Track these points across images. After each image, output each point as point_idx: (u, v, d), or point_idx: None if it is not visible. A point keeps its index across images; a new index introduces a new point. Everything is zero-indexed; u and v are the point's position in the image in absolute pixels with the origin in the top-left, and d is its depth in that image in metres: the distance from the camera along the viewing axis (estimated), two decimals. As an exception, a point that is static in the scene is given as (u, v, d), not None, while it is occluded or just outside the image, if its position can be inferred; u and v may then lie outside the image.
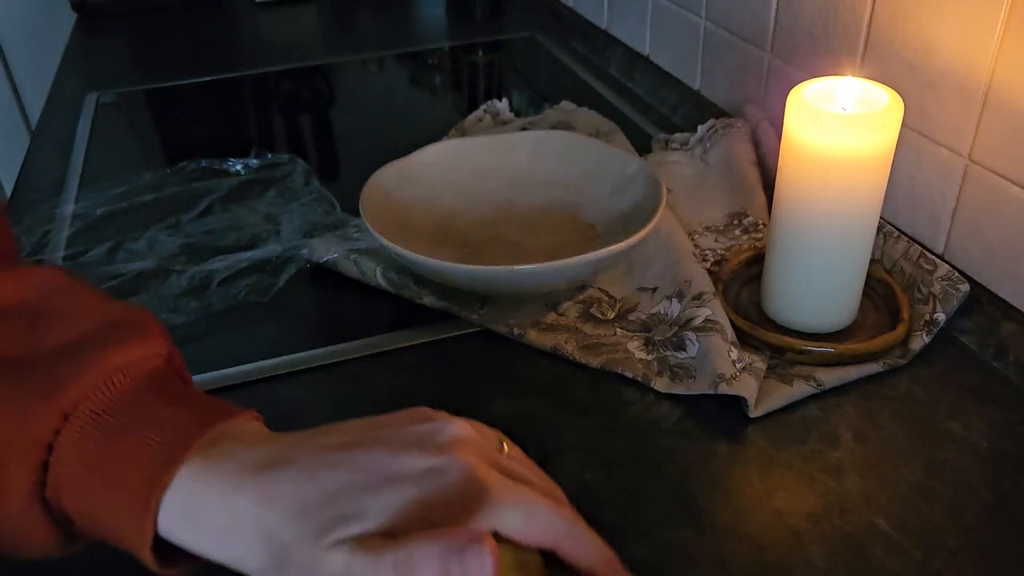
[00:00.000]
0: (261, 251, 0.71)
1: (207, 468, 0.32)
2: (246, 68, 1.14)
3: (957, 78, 0.58)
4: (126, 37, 1.29)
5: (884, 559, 0.44)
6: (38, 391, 0.32)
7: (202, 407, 0.34)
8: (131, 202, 0.80)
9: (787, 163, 0.55)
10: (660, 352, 0.58)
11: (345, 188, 0.79)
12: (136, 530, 0.32)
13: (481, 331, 0.62)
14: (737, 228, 0.70)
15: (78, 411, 0.32)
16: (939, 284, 0.59)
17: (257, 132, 1.00)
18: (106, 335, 0.35)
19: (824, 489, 0.49)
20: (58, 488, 0.32)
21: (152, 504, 0.31)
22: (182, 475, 0.32)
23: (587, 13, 1.16)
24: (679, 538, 0.46)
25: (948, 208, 0.62)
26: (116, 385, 0.34)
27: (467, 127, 0.92)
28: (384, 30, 1.28)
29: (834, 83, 0.55)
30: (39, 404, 0.32)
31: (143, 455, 0.32)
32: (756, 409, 0.53)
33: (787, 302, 0.59)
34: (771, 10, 0.77)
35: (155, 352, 0.36)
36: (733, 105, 0.86)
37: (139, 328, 0.36)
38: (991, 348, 0.58)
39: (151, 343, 0.36)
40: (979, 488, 0.49)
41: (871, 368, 0.56)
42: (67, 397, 0.32)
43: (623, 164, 0.71)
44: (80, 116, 1.01)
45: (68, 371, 0.33)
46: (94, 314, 0.36)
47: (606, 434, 0.53)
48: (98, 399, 0.33)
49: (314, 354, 0.60)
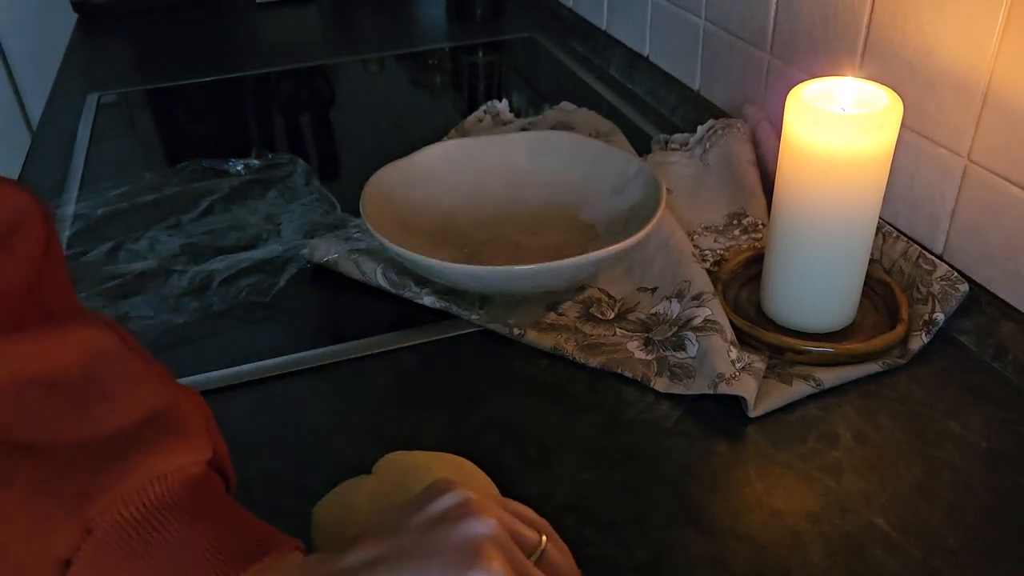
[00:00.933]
0: (262, 251, 0.71)
1: None
2: (247, 68, 1.14)
3: (956, 78, 0.58)
4: (127, 37, 1.29)
5: (883, 559, 0.45)
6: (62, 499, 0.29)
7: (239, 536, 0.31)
8: (132, 202, 0.80)
9: (787, 163, 0.55)
10: (660, 352, 0.58)
11: (345, 188, 0.80)
12: None
13: (481, 331, 0.62)
14: (736, 228, 0.71)
15: (103, 523, 0.29)
16: (938, 284, 0.60)
17: (258, 132, 1.00)
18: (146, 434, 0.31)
19: (823, 489, 0.49)
20: None
21: None
22: None
23: (587, 13, 1.16)
24: (679, 538, 0.46)
25: (947, 208, 0.62)
26: (149, 497, 0.31)
27: (467, 127, 0.92)
28: (384, 30, 1.29)
29: (834, 83, 0.55)
30: (61, 517, 0.29)
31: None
32: (755, 409, 0.53)
33: (786, 302, 0.59)
34: (771, 11, 0.78)
35: (196, 459, 0.33)
36: (733, 105, 0.86)
37: (181, 426, 0.32)
38: (990, 348, 0.58)
39: (193, 446, 0.33)
40: (978, 488, 0.49)
41: (870, 368, 0.57)
42: (93, 508, 0.29)
43: (623, 164, 0.71)
44: (81, 116, 1.01)
45: (98, 478, 0.30)
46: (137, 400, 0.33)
47: (606, 434, 0.53)
48: (128, 512, 0.30)
49: (314, 354, 0.61)
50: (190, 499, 0.31)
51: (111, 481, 0.30)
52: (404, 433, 0.54)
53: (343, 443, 0.53)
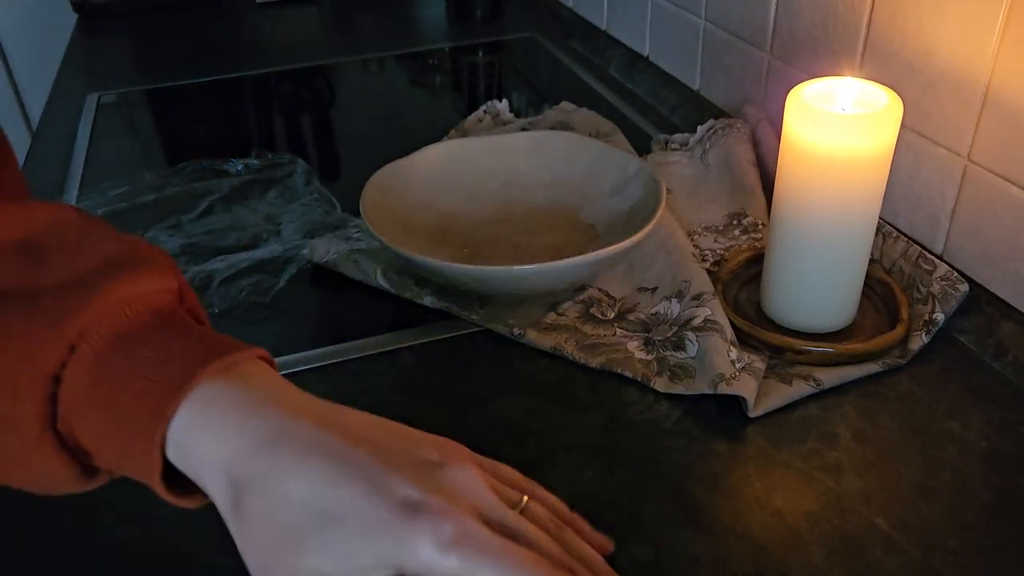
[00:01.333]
0: (262, 251, 0.71)
1: (219, 392, 0.32)
2: (247, 68, 1.14)
3: (956, 78, 0.58)
4: (127, 37, 1.29)
5: (883, 558, 0.45)
6: (44, 322, 0.32)
7: (210, 342, 0.34)
8: (132, 202, 0.80)
9: (787, 163, 0.55)
10: (660, 352, 0.58)
11: (345, 188, 0.80)
12: (145, 460, 0.32)
13: (481, 331, 0.62)
14: (736, 228, 0.71)
15: (84, 342, 0.32)
16: (938, 284, 0.60)
17: (258, 132, 1.00)
18: (115, 268, 0.34)
19: (823, 489, 0.49)
20: (68, 419, 0.32)
21: (157, 435, 0.31)
22: (187, 405, 0.32)
23: (587, 13, 1.16)
24: (679, 538, 0.46)
25: (947, 208, 0.62)
26: (124, 317, 0.33)
27: (467, 127, 0.92)
28: (384, 30, 1.29)
29: (833, 83, 0.55)
30: (45, 336, 0.31)
31: (149, 387, 0.32)
32: (755, 409, 0.53)
33: (786, 302, 0.59)
34: (771, 11, 0.78)
35: (165, 287, 0.36)
36: (733, 105, 0.86)
37: (149, 263, 0.35)
38: (990, 348, 0.58)
39: (161, 277, 0.35)
40: (978, 488, 0.49)
41: (870, 368, 0.57)
42: (73, 328, 0.32)
43: (623, 164, 0.71)
44: (81, 116, 1.01)
45: (75, 302, 0.32)
46: (104, 248, 0.35)
47: (606, 434, 0.53)
48: (105, 330, 0.32)
49: (315, 354, 0.61)
50: (161, 320, 0.34)
51: (84, 305, 0.32)
52: (404, 433, 0.54)
53: (343, 443, 0.53)
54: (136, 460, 0.32)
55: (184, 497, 0.34)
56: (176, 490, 0.33)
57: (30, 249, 0.35)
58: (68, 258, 0.35)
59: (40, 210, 0.37)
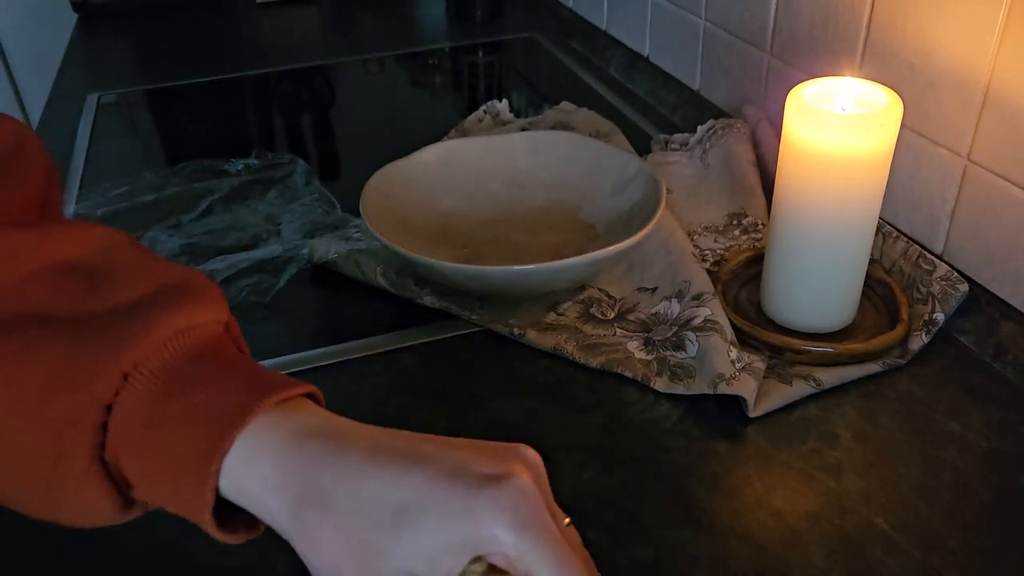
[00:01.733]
0: (262, 251, 0.71)
1: (270, 429, 0.32)
2: (247, 68, 1.14)
3: (956, 79, 0.58)
4: (127, 37, 1.29)
5: (883, 558, 0.45)
6: (98, 352, 0.31)
7: (264, 376, 0.34)
8: (132, 202, 0.80)
9: (786, 163, 0.55)
10: (660, 352, 0.58)
11: (345, 188, 0.80)
12: (195, 495, 0.31)
13: (481, 331, 0.62)
14: (736, 228, 0.71)
15: (138, 372, 0.32)
16: (938, 284, 0.60)
17: (258, 132, 1.00)
18: (167, 297, 0.34)
19: (823, 488, 0.49)
20: (117, 450, 0.32)
21: (212, 468, 0.31)
22: (242, 439, 0.31)
23: (587, 14, 1.16)
24: (679, 538, 0.46)
25: (947, 208, 0.62)
26: (177, 348, 0.33)
27: (467, 128, 0.92)
28: (384, 30, 1.29)
29: (833, 83, 0.55)
30: (99, 365, 0.31)
31: (203, 419, 0.31)
32: (755, 409, 0.53)
33: (786, 302, 0.59)
34: (771, 11, 0.78)
35: (216, 318, 0.35)
36: (733, 105, 0.86)
37: (200, 292, 0.35)
38: (990, 348, 0.58)
39: (212, 308, 0.35)
40: (978, 488, 0.49)
41: (870, 368, 0.57)
42: (127, 358, 0.32)
43: (623, 164, 0.71)
44: (81, 116, 1.01)
45: (128, 332, 0.32)
46: (155, 275, 0.35)
47: (606, 434, 0.53)
48: (158, 361, 0.32)
49: (314, 354, 0.61)
50: (212, 351, 0.34)
51: (138, 334, 0.32)
52: (404, 433, 0.54)
53: (343, 443, 0.53)
54: (186, 492, 0.31)
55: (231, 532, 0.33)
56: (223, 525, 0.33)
57: (84, 271, 0.35)
58: (121, 283, 0.34)
59: (92, 231, 0.37)
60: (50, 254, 0.34)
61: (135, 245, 0.38)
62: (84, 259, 0.35)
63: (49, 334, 0.32)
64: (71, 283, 0.34)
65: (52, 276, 0.34)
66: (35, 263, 0.34)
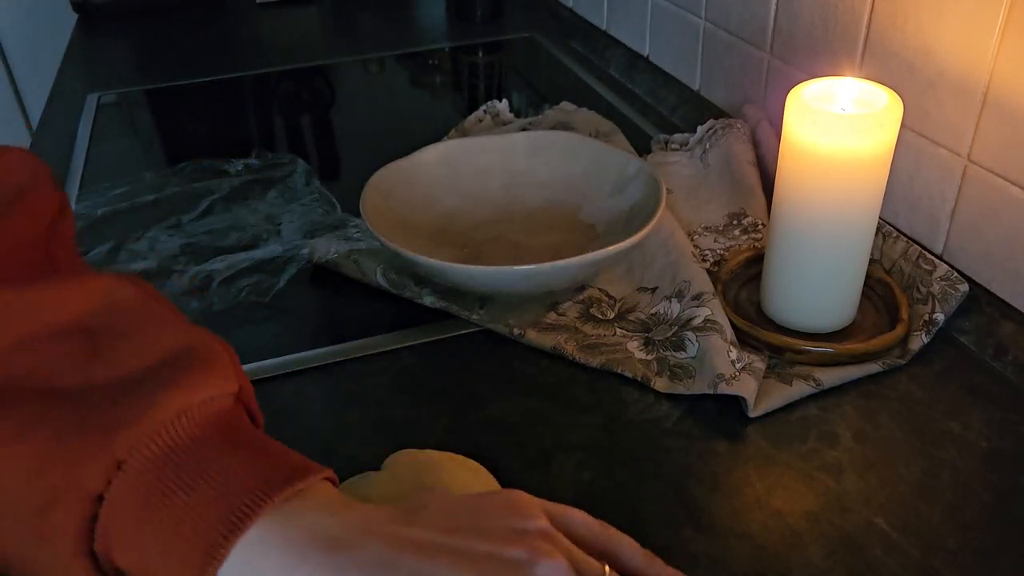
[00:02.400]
0: (262, 251, 0.71)
1: (272, 534, 0.30)
2: (247, 68, 1.14)
3: (956, 78, 0.58)
4: (127, 37, 1.29)
5: (883, 558, 0.45)
6: (91, 436, 0.29)
7: (272, 463, 0.32)
8: (132, 202, 0.80)
9: (786, 163, 0.55)
10: (660, 352, 0.58)
11: (345, 188, 0.80)
12: None
13: (481, 331, 0.62)
14: (736, 228, 0.71)
15: (133, 459, 0.29)
16: (938, 284, 0.60)
17: (258, 132, 1.00)
18: (171, 370, 0.32)
19: (823, 488, 0.49)
20: (107, 541, 0.29)
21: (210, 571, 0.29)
22: (247, 537, 0.29)
23: (587, 14, 1.16)
24: (679, 538, 0.46)
25: (947, 208, 0.62)
26: (178, 431, 0.30)
27: (467, 127, 0.92)
28: (384, 30, 1.29)
29: (833, 83, 0.55)
30: (92, 452, 0.29)
31: (203, 515, 0.29)
32: (755, 409, 0.53)
33: (786, 302, 0.59)
34: (771, 11, 0.78)
35: (223, 391, 0.33)
36: (733, 105, 0.86)
37: (207, 362, 0.33)
38: (990, 348, 0.58)
39: (219, 380, 0.33)
40: (978, 488, 0.49)
41: (870, 368, 0.57)
42: (122, 444, 0.29)
43: (623, 164, 0.71)
44: (81, 116, 1.01)
45: (126, 413, 0.30)
46: (160, 340, 0.33)
47: (606, 434, 0.53)
48: (157, 446, 0.30)
49: (314, 354, 0.61)
50: (218, 432, 0.31)
51: (138, 415, 0.30)
52: (404, 433, 0.54)
53: (343, 443, 0.53)
54: None
55: None
56: None
57: (84, 334, 0.32)
58: (124, 349, 0.32)
59: (97, 284, 0.34)
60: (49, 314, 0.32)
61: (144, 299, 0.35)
62: (84, 321, 0.33)
63: (43, 410, 0.30)
64: (71, 347, 0.32)
65: (50, 340, 0.32)
66: (33, 325, 0.32)
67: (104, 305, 0.34)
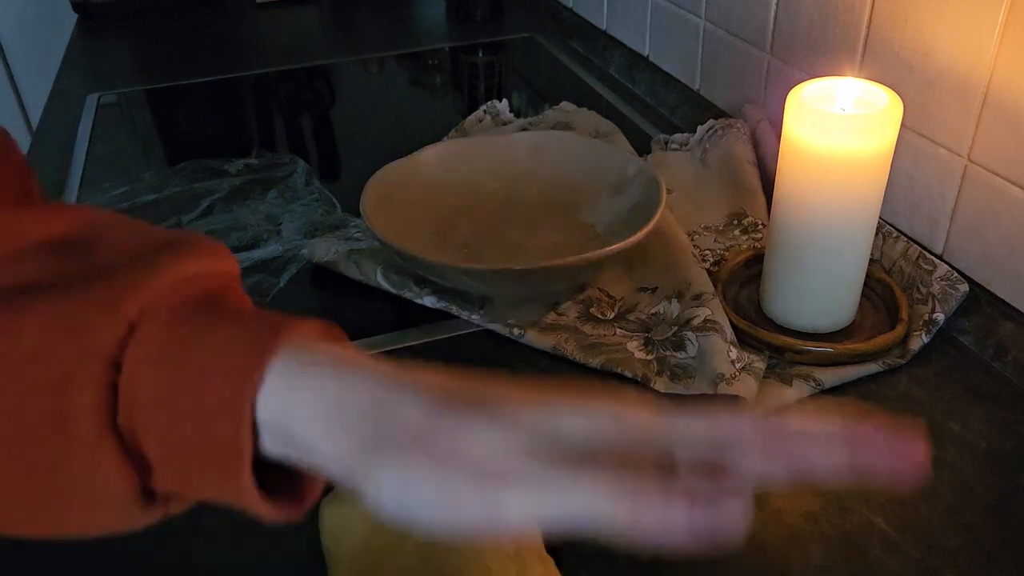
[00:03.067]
0: (262, 251, 0.71)
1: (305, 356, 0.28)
2: (247, 69, 1.14)
3: (956, 79, 0.58)
4: (127, 37, 1.29)
5: (883, 558, 0.45)
6: (97, 302, 0.28)
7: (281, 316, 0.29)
8: (132, 202, 0.80)
9: (786, 163, 0.55)
10: (660, 352, 0.58)
11: (346, 188, 0.80)
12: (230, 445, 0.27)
13: (481, 331, 0.62)
14: (736, 228, 0.71)
15: (147, 320, 0.28)
16: (938, 284, 0.60)
17: (258, 133, 1.00)
18: (171, 247, 0.30)
19: (823, 488, 0.49)
20: (131, 412, 0.27)
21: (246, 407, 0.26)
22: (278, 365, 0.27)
23: (587, 14, 1.16)
24: (679, 537, 0.46)
25: (947, 208, 0.62)
26: (188, 291, 0.29)
27: (467, 128, 0.92)
28: (384, 31, 1.29)
29: (833, 83, 0.55)
30: (100, 316, 0.27)
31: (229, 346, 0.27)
32: (755, 409, 0.53)
33: (786, 302, 0.59)
34: (771, 11, 0.78)
35: (229, 270, 0.32)
36: (733, 105, 0.86)
37: (208, 246, 0.31)
38: (990, 348, 0.58)
39: (220, 259, 0.31)
40: (978, 487, 0.49)
41: (870, 368, 0.57)
42: (133, 304, 0.28)
43: (623, 164, 0.71)
44: (81, 116, 1.01)
45: (133, 278, 0.28)
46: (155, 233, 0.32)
47: (606, 434, 0.53)
48: (168, 307, 0.28)
49: (315, 354, 0.60)
50: (229, 296, 0.31)
51: (146, 278, 0.28)
52: (404, 433, 0.53)
53: (343, 443, 0.53)
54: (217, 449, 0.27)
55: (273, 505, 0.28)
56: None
57: (72, 245, 0.31)
58: (115, 245, 0.31)
59: (76, 208, 0.33)
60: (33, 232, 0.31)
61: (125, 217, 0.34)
62: (71, 234, 0.31)
63: (41, 296, 0.28)
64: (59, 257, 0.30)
65: (37, 252, 0.30)
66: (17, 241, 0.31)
67: (88, 221, 0.32)
